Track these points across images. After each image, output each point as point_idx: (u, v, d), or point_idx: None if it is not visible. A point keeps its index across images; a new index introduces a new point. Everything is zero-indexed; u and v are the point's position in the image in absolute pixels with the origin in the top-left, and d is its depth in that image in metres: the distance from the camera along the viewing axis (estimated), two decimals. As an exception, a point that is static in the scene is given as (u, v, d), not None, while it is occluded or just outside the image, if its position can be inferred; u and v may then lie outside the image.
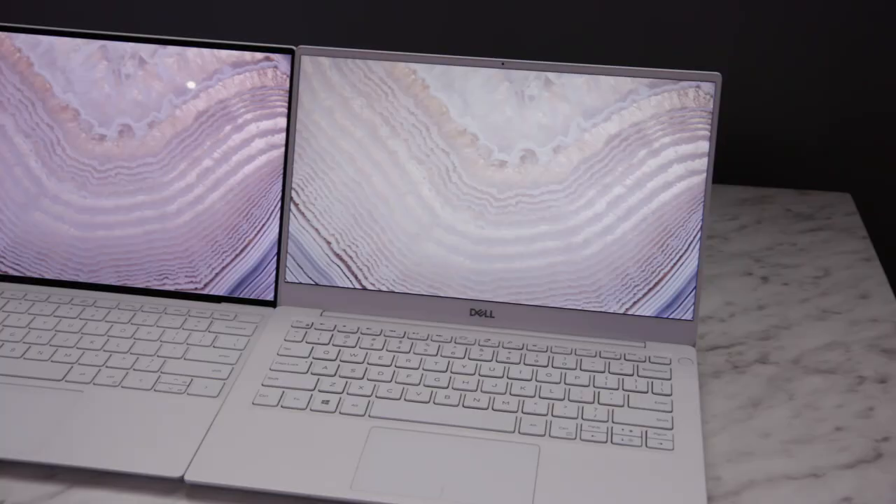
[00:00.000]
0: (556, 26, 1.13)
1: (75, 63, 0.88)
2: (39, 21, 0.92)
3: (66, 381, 0.78)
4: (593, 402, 0.76)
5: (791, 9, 1.09)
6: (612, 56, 0.91)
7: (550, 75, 0.83)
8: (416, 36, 1.15)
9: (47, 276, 0.89)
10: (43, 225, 0.89)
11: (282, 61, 0.87)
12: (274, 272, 0.87)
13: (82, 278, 0.89)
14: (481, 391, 0.77)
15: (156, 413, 0.75)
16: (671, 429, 0.73)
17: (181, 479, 0.69)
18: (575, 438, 0.72)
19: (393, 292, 0.86)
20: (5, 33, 0.89)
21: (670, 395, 0.76)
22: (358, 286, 0.86)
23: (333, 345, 0.82)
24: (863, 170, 1.16)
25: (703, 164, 0.82)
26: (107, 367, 0.79)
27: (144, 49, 0.88)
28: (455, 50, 0.88)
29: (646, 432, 0.73)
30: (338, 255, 0.86)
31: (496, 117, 0.84)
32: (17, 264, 0.89)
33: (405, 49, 0.86)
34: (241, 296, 0.88)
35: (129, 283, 0.89)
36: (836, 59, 1.11)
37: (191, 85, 0.87)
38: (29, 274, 0.89)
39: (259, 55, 0.87)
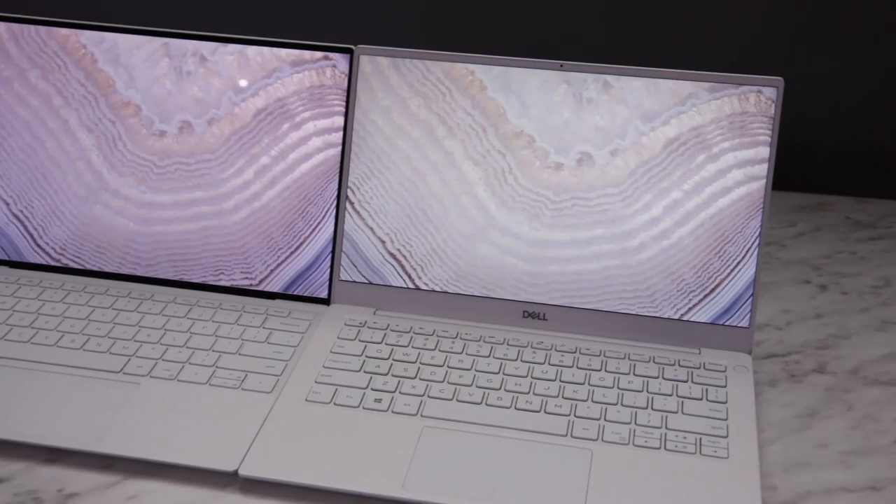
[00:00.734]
0: (612, 28, 1.13)
1: (138, 60, 0.90)
2: (104, 19, 0.93)
3: (123, 373, 0.79)
4: (647, 408, 0.75)
5: (851, 13, 1.07)
6: (670, 60, 0.90)
7: (609, 78, 0.83)
8: (472, 37, 1.15)
9: (106, 270, 0.91)
10: (103, 219, 0.91)
11: (340, 60, 0.87)
12: (328, 270, 0.88)
13: (140, 272, 0.90)
14: (534, 394, 0.77)
15: (210, 407, 0.76)
16: (726, 437, 0.72)
17: (235, 473, 0.70)
18: (628, 443, 0.72)
19: (446, 292, 0.86)
20: (71, 30, 0.90)
21: (725, 402, 0.76)
22: (411, 286, 0.86)
23: (386, 344, 0.83)
24: (925, 178, 1.14)
25: (762, 169, 0.81)
26: (163, 360, 0.80)
27: (205, 47, 0.89)
28: (511, 51, 0.88)
29: (700, 439, 0.72)
30: (392, 255, 0.87)
31: (553, 119, 0.84)
32: (78, 257, 0.91)
33: (462, 50, 0.86)
34: (295, 293, 0.88)
35: (186, 278, 0.90)
36: (900, 65, 1.09)
37: (250, 83, 0.88)
38: (89, 267, 0.91)
39: (318, 54, 0.88)
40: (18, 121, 0.91)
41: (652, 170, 0.82)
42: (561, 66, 0.84)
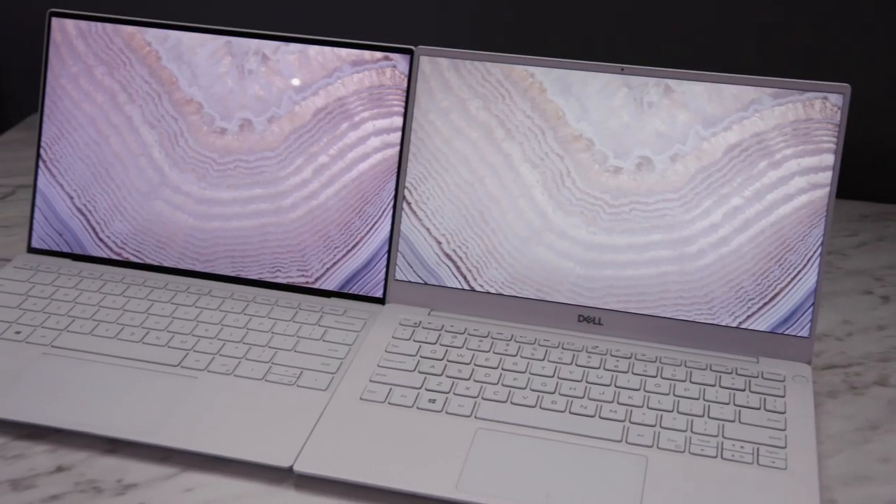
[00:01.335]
0: (674, 32, 1.12)
1: (201, 58, 0.91)
2: (169, 17, 0.94)
3: (181, 366, 0.80)
4: (703, 416, 0.74)
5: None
6: (733, 64, 0.89)
7: (671, 82, 0.82)
8: (531, 39, 1.15)
9: (166, 264, 0.92)
10: (163, 214, 0.92)
11: (400, 61, 0.88)
12: (384, 270, 0.88)
13: (198, 267, 0.91)
14: (588, 398, 0.77)
15: (266, 403, 0.76)
16: (784, 447, 0.71)
17: (290, 469, 0.71)
18: (684, 451, 0.71)
19: (501, 294, 0.86)
20: (136, 27, 0.92)
21: (784, 412, 0.74)
22: (466, 287, 0.86)
23: (441, 344, 0.83)
24: None
25: (826, 177, 0.79)
26: (220, 355, 0.81)
27: (268, 46, 0.90)
28: (571, 54, 0.87)
29: (758, 449, 0.71)
30: (448, 256, 0.87)
31: (613, 123, 0.83)
32: (138, 251, 0.92)
33: (521, 52, 0.86)
34: (350, 292, 0.89)
35: (243, 275, 0.90)
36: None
37: (311, 82, 0.89)
38: (148, 261, 0.92)
39: (378, 54, 0.88)
40: (84, 116, 0.93)
41: (712, 175, 0.82)
42: (622, 69, 0.83)
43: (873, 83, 1.08)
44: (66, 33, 0.93)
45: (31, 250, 0.94)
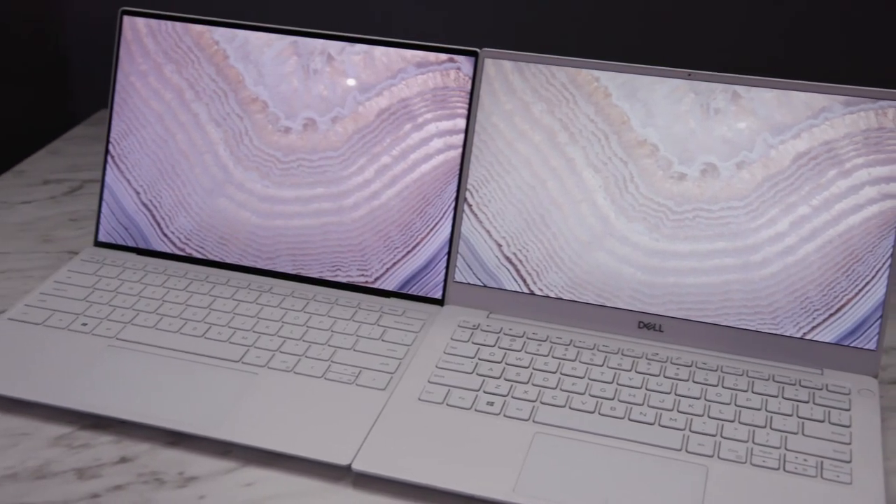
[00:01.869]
0: (742, 37, 1.10)
1: (267, 57, 0.92)
2: (236, 16, 0.95)
3: (242, 362, 0.81)
4: (765, 427, 0.73)
5: None
6: (804, 71, 0.88)
7: (739, 88, 0.81)
8: (596, 43, 1.14)
9: (228, 261, 0.93)
10: (227, 211, 0.93)
11: (465, 63, 0.88)
12: (443, 271, 0.88)
13: (260, 265, 0.92)
14: (648, 405, 0.76)
15: (325, 400, 0.77)
16: (849, 461, 0.70)
17: (348, 468, 0.71)
18: (745, 462, 0.70)
19: (561, 299, 0.85)
20: (205, 27, 0.93)
21: (849, 426, 0.73)
22: (526, 290, 0.86)
23: (499, 347, 0.83)
24: None
25: (897, 187, 0.78)
26: (280, 352, 0.82)
27: (333, 46, 0.90)
28: (636, 59, 0.87)
29: (821, 463, 0.70)
30: (508, 259, 0.87)
31: (679, 129, 0.83)
32: (201, 247, 0.93)
33: (584, 55, 0.86)
34: (409, 292, 0.89)
35: (304, 273, 0.91)
36: None
37: (375, 83, 0.89)
38: (211, 257, 0.93)
39: (443, 56, 0.88)
40: (152, 113, 0.94)
41: (779, 184, 0.81)
42: (689, 75, 0.82)
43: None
44: (137, 31, 0.94)
45: (98, 244, 0.96)
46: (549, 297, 0.86)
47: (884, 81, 0.82)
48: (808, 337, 0.80)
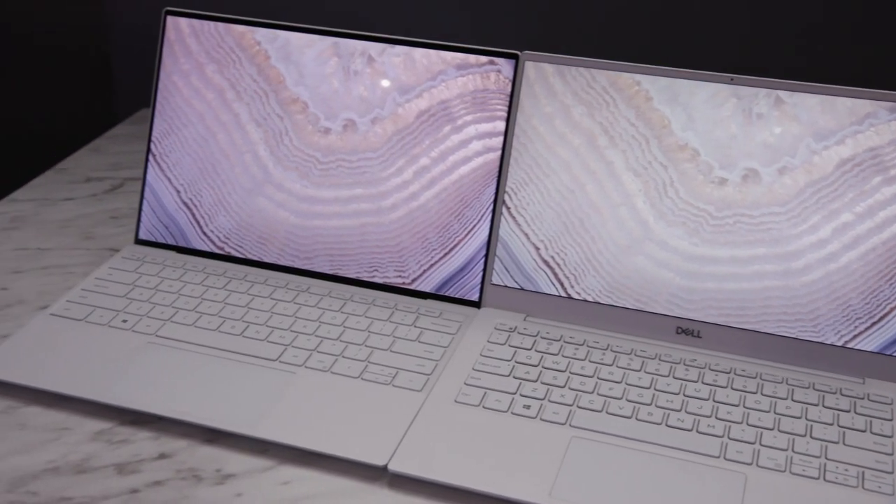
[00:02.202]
0: (782, 43, 1.09)
1: (308, 58, 0.92)
2: (277, 17, 0.96)
3: (280, 361, 0.81)
4: (805, 436, 0.73)
5: None
6: (846, 76, 0.87)
7: (782, 94, 0.80)
8: (638, 47, 1.14)
9: (266, 260, 0.93)
10: (266, 211, 0.94)
11: (505, 66, 0.88)
12: (480, 273, 0.88)
13: (297, 264, 0.93)
14: (685, 412, 0.75)
15: (362, 401, 0.77)
16: (892, 472, 0.69)
17: (384, 468, 0.71)
18: (784, 471, 0.70)
19: (598, 303, 0.85)
20: (247, 27, 0.94)
21: (892, 436, 0.72)
22: (563, 294, 0.86)
23: (536, 350, 0.82)
24: None
25: (942, 195, 0.77)
26: (318, 351, 0.82)
27: (374, 48, 0.91)
28: (676, 63, 0.86)
29: (863, 473, 0.69)
30: (545, 262, 0.87)
31: (720, 134, 0.82)
32: (240, 246, 0.94)
33: (626, 59, 0.86)
34: (446, 294, 0.89)
35: (341, 273, 0.92)
36: None
37: (415, 84, 0.90)
38: (250, 256, 0.94)
39: (483, 59, 0.88)
40: (194, 112, 0.95)
41: (822, 190, 0.80)
42: (731, 79, 0.82)
43: None
44: (180, 31, 0.95)
45: (138, 241, 0.97)
46: (586, 301, 0.85)
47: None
48: (849, 345, 0.79)
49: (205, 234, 0.95)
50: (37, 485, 0.69)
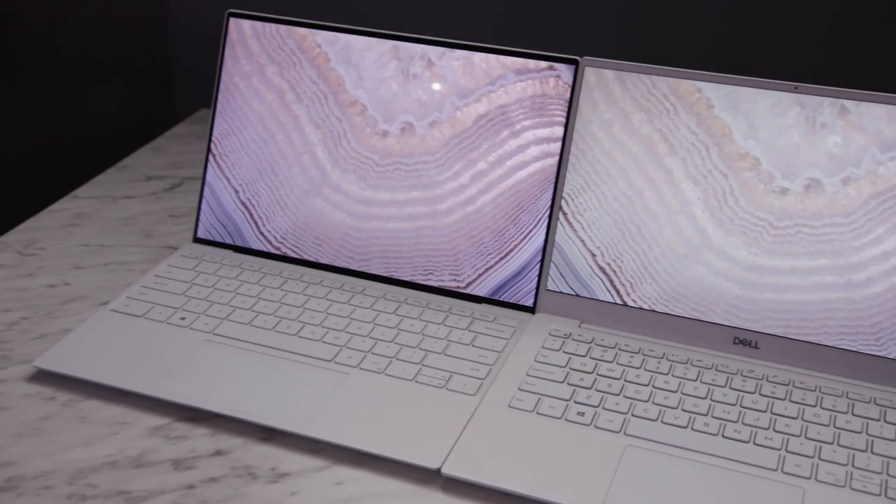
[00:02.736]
0: (849, 51, 1.08)
1: (368, 61, 0.93)
2: (339, 20, 0.97)
3: (335, 362, 0.82)
4: (866, 451, 0.71)
5: None
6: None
7: (848, 103, 0.79)
8: (695, 53, 1.13)
9: (322, 261, 0.94)
10: (323, 212, 0.94)
11: (565, 71, 0.87)
12: (536, 279, 0.88)
13: (353, 266, 0.93)
14: (742, 423, 0.75)
15: (416, 403, 0.77)
16: (955, 491, 0.68)
17: (438, 471, 0.71)
18: (844, 486, 0.68)
19: (654, 311, 0.84)
20: (308, 29, 0.94)
21: (955, 454, 0.71)
22: (619, 301, 0.85)
23: (591, 357, 0.82)
24: None
25: None
26: (372, 353, 0.83)
27: (433, 51, 0.91)
28: (739, 71, 0.85)
29: (925, 491, 0.68)
30: (601, 269, 0.86)
31: (782, 143, 0.81)
32: (297, 247, 0.95)
33: (686, 66, 0.85)
34: (501, 299, 0.89)
35: (396, 276, 0.92)
36: None
37: (474, 88, 0.90)
38: (306, 257, 0.95)
39: (543, 64, 0.88)
40: (253, 113, 0.96)
41: (887, 201, 0.78)
42: (795, 88, 0.81)
43: None
44: (242, 33, 0.96)
45: (197, 240, 0.98)
46: (642, 308, 0.85)
47: None
48: (912, 360, 0.78)
49: (262, 233, 0.96)
50: (96, 478, 0.70)
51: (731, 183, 0.83)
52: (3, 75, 1.14)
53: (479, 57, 0.90)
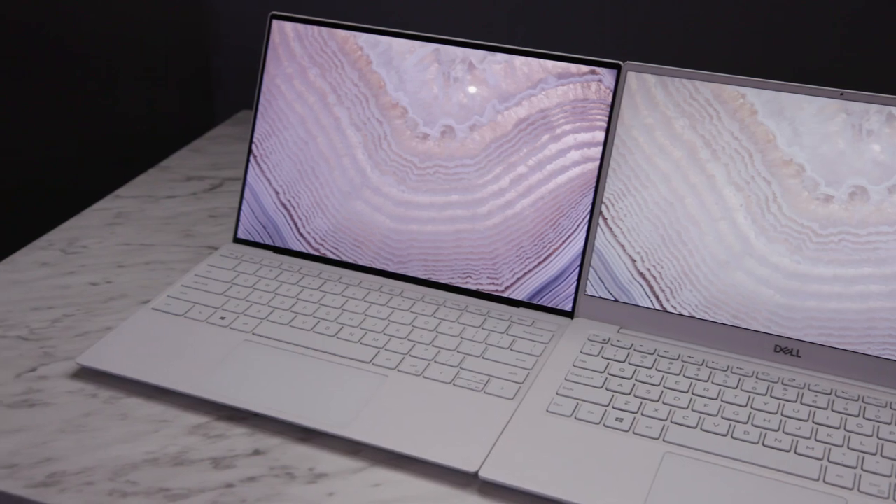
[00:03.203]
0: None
1: (409, 64, 0.93)
2: (380, 23, 0.97)
3: (373, 364, 0.82)
4: (910, 463, 0.70)
5: None
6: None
7: (895, 110, 0.78)
8: (739, 58, 1.12)
9: (361, 263, 0.94)
10: (362, 214, 0.94)
11: (606, 75, 0.87)
12: (575, 284, 0.88)
13: (391, 268, 0.93)
14: (783, 432, 0.74)
15: (454, 406, 0.77)
16: None
17: (475, 475, 0.71)
18: (888, 497, 0.68)
19: (694, 318, 0.84)
20: (350, 32, 0.95)
21: None
22: (658, 307, 0.85)
23: (630, 363, 0.82)
24: None
25: None
26: (410, 355, 0.83)
27: (475, 55, 0.91)
28: (781, 76, 0.85)
29: (971, 504, 0.67)
30: (641, 274, 0.86)
31: (827, 150, 0.80)
32: (336, 248, 0.95)
33: (727, 71, 0.84)
34: (539, 303, 0.89)
35: (434, 278, 0.92)
36: None
37: (515, 92, 0.90)
38: (345, 259, 0.95)
39: (584, 68, 0.88)
40: (295, 115, 0.97)
41: (934, 210, 0.77)
42: (841, 94, 0.80)
43: None
44: (285, 35, 0.97)
45: (237, 240, 0.99)
46: (682, 315, 0.84)
47: None
48: (958, 371, 0.77)
49: (301, 235, 0.96)
50: (136, 475, 0.71)
51: (775, 189, 0.82)
52: (51, 78, 1.16)
53: (520, 61, 0.90)
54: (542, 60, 0.89)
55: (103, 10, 1.20)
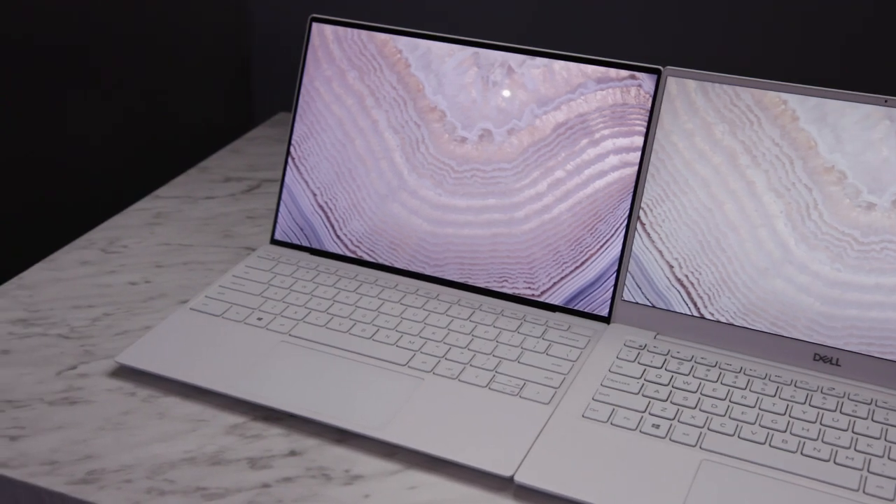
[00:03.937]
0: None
1: (448, 67, 0.93)
2: (420, 26, 0.97)
3: (408, 366, 0.82)
4: (952, 475, 0.69)
5: None
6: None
7: (939, 117, 0.77)
8: (777, 64, 1.11)
9: (397, 266, 0.95)
10: (399, 217, 0.95)
11: (646, 80, 0.87)
12: (611, 289, 0.87)
13: (427, 271, 0.93)
14: (822, 441, 0.73)
15: (489, 410, 0.77)
16: None
17: (511, 479, 0.71)
18: (929, 510, 0.67)
19: (732, 325, 0.83)
20: (389, 35, 0.95)
21: None
22: (696, 314, 0.84)
23: (666, 370, 0.81)
24: None
25: None
26: (446, 359, 0.83)
27: (514, 59, 0.91)
28: (821, 82, 0.84)
29: None
30: (679, 280, 0.85)
31: (870, 157, 0.79)
32: (372, 251, 0.96)
33: (766, 77, 0.84)
34: (576, 308, 0.89)
35: (471, 282, 0.92)
36: None
37: (553, 96, 0.89)
38: (381, 261, 0.95)
39: (624, 73, 0.87)
40: (333, 118, 0.97)
41: (979, 219, 0.76)
42: (885, 101, 0.79)
43: None
44: (324, 38, 0.97)
45: (274, 242, 1.00)
46: (720, 322, 0.84)
47: None
48: None
49: (338, 237, 0.97)
50: (174, 473, 0.72)
51: (815, 197, 0.81)
52: (92, 80, 1.17)
53: (559, 65, 0.90)
54: (581, 65, 0.89)
55: (144, 13, 1.21)
